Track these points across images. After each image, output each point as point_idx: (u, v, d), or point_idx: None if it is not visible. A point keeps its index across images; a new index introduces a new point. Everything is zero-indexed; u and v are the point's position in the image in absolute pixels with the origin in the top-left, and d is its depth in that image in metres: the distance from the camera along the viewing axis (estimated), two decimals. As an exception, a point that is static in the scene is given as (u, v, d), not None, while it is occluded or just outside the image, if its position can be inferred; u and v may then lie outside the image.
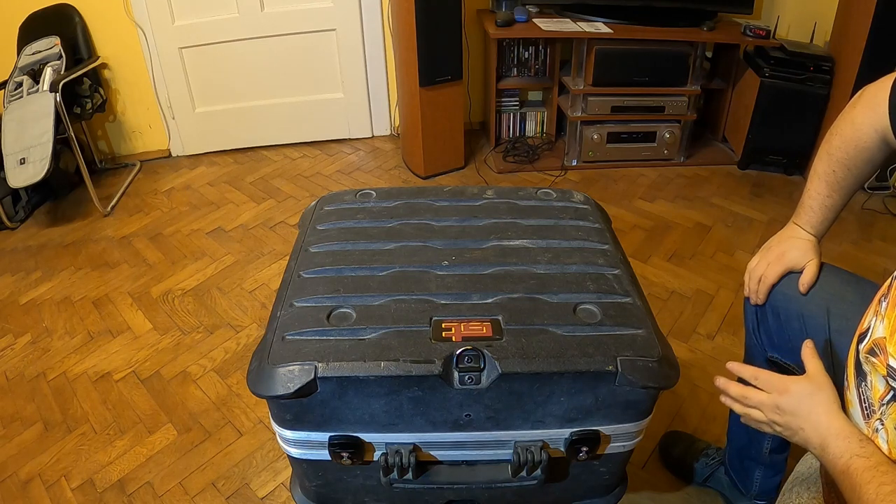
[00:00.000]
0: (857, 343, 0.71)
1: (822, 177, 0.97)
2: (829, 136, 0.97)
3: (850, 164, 0.94)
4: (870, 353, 0.67)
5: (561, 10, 2.75)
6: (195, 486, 1.47)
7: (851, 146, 0.92)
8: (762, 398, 0.79)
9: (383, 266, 0.88)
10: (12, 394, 1.75)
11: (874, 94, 0.89)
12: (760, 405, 0.80)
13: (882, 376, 0.63)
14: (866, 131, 0.90)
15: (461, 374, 0.73)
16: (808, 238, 1.00)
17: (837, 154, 0.94)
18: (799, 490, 0.84)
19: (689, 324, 1.89)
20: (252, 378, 0.75)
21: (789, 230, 1.03)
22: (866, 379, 0.67)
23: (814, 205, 0.99)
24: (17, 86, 2.46)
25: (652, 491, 1.41)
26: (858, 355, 0.69)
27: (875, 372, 0.65)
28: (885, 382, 0.63)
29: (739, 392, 0.82)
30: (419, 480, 0.83)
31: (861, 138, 0.91)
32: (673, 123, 2.74)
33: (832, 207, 0.99)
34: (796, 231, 1.02)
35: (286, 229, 2.46)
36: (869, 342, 0.67)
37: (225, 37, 2.82)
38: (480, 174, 2.79)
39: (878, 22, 2.23)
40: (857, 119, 0.91)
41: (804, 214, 1.01)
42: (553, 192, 1.07)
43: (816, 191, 0.98)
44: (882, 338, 0.64)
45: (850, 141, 0.92)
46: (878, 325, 0.66)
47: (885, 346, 0.63)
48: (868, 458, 0.63)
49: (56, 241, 2.46)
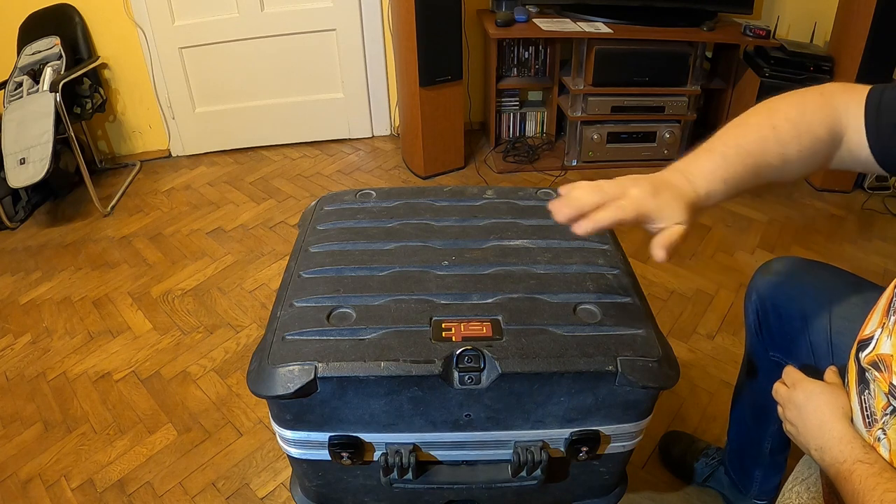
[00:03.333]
0: (857, 350, 0.70)
1: (752, 141, 0.73)
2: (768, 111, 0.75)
3: (792, 141, 0.72)
4: (872, 366, 0.66)
5: (561, 10, 2.75)
6: (195, 486, 1.47)
7: (803, 128, 0.72)
8: (783, 392, 0.80)
9: (383, 266, 0.88)
10: (12, 394, 1.75)
11: (832, 93, 0.74)
12: (780, 398, 0.81)
13: (884, 392, 0.63)
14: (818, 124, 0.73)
15: (461, 374, 0.73)
16: (695, 194, 0.71)
17: (783, 127, 0.73)
18: (799, 490, 0.84)
19: (689, 324, 1.89)
20: (252, 378, 0.75)
21: (673, 175, 0.74)
22: (869, 387, 0.66)
23: (728, 156, 0.73)
24: (17, 86, 2.46)
25: (652, 491, 1.41)
26: (860, 363, 0.69)
27: (877, 384, 0.65)
28: (887, 399, 0.63)
29: (776, 385, 0.83)
30: (419, 480, 0.83)
31: (812, 128, 0.73)
32: (673, 123, 2.74)
33: (742, 177, 0.72)
34: (681, 178, 0.73)
35: (286, 229, 2.46)
36: (872, 354, 0.66)
37: (225, 37, 2.82)
38: (480, 174, 2.79)
39: (878, 22, 2.23)
40: (808, 116, 0.73)
41: (707, 162, 0.73)
42: (553, 193, 1.07)
43: (737, 146, 0.73)
44: (889, 355, 0.63)
45: (800, 124, 0.73)
46: (884, 338, 0.65)
47: (890, 363, 0.62)
48: (872, 465, 0.63)
49: (56, 241, 2.46)
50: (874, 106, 0.71)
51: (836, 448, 0.68)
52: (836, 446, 0.68)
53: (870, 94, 0.71)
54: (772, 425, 1.13)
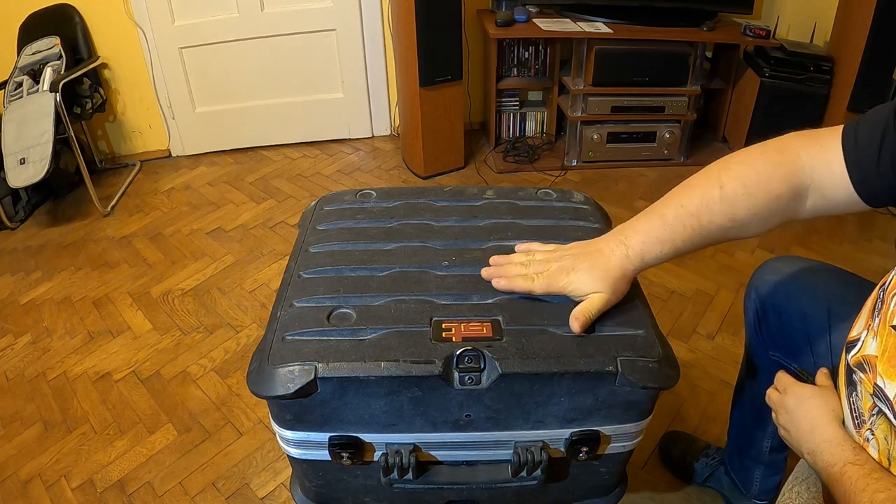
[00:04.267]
0: (845, 351, 0.70)
1: (695, 202, 0.72)
2: (718, 170, 0.73)
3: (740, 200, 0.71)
4: (858, 367, 0.66)
5: (561, 10, 2.75)
6: (195, 486, 1.47)
7: (753, 188, 0.71)
8: (775, 397, 0.81)
9: (383, 266, 0.88)
10: (12, 394, 1.75)
11: (792, 147, 0.73)
12: (773, 404, 0.82)
13: (869, 393, 0.63)
14: (775, 181, 0.71)
15: (461, 375, 0.73)
16: (625, 259, 0.74)
17: (730, 186, 0.71)
18: (799, 490, 0.84)
19: (689, 324, 1.90)
20: (252, 378, 0.75)
21: (608, 240, 0.76)
22: (857, 388, 0.66)
23: (667, 217, 0.73)
24: (17, 86, 2.46)
25: (652, 491, 1.42)
26: (848, 364, 0.69)
27: (863, 385, 0.65)
28: (872, 400, 0.63)
29: (768, 391, 0.84)
30: (419, 481, 0.83)
31: (767, 185, 0.71)
32: (673, 123, 2.74)
33: (684, 237, 0.73)
34: (614, 242, 0.75)
35: (286, 229, 2.46)
36: (858, 355, 0.67)
37: (225, 37, 2.82)
38: (480, 174, 2.79)
39: (878, 22, 2.23)
40: (761, 172, 0.71)
41: (644, 223, 0.74)
42: (553, 192, 1.07)
43: (678, 207, 0.73)
44: (873, 356, 0.63)
45: (750, 183, 0.71)
46: (869, 340, 0.65)
47: (875, 364, 0.63)
48: (862, 466, 0.63)
49: (56, 241, 2.46)
50: (851, 143, 0.70)
51: (827, 451, 0.68)
52: (827, 449, 0.68)
53: (845, 133, 0.71)
54: (771, 425, 1.13)
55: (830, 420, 0.71)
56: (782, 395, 0.80)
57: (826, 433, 0.70)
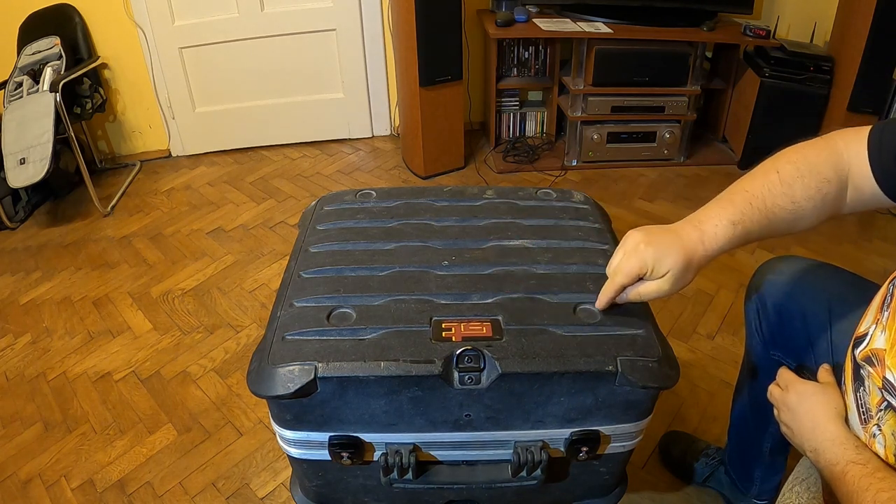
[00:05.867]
0: (852, 347, 0.70)
1: (758, 185, 0.76)
2: (772, 160, 0.78)
3: (797, 181, 0.75)
4: (866, 361, 0.66)
5: (561, 10, 2.75)
6: (195, 486, 1.47)
7: (805, 169, 0.75)
8: (777, 394, 0.81)
9: (383, 266, 0.88)
10: (12, 394, 1.75)
11: (833, 137, 0.78)
12: (775, 401, 0.81)
13: (878, 387, 0.63)
14: (821, 164, 0.76)
15: (461, 374, 0.73)
16: (700, 238, 0.75)
17: (786, 169, 0.76)
18: (799, 490, 0.84)
19: (689, 324, 1.89)
20: (252, 378, 0.75)
21: (682, 224, 0.77)
22: (864, 384, 0.66)
23: (736, 200, 0.75)
24: (17, 86, 2.46)
25: (652, 491, 1.41)
26: (856, 360, 0.69)
27: (871, 379, 0.65)
28: (881, 394, 0.63)
29: (770, 387, 0.84)
30: (419, 480, 0.83)
31: (816, 168, 0.75)
32: (673, 123, 2.74)
33: (752, 219, 0.75)
34: (688, 225, 0.76)
35: (286, 229, 2.46)
36: (867, 349, 0.67)
37: (225, 37, 2.82)
38: (480, 174, 2.79)
39: (878, 22, 2.23)
40: (811, 158, 0.76)
41: (714, 207, 0.76)
42: (553, 192, 1.07)
43: (743, 191, 0.76)
44: (882, 349, 0.63)
45: (802, 165, 0.76)
46: (878, 334, 0.65)
47: (883, 357, 0.63)
48: (865, 465, 0.63)
49: (56, 241, 2.46)
50: (876, 140, 0.74)
51: (829, 450, 0.68)
52: (829, 448, 0.68)
53: (872, 130, 0.75)
54: (772, 425, 1.13)
55: (833, 418, 0.71)
56: (784, 391, 0.79)
57: (828, 431, 0.69)
